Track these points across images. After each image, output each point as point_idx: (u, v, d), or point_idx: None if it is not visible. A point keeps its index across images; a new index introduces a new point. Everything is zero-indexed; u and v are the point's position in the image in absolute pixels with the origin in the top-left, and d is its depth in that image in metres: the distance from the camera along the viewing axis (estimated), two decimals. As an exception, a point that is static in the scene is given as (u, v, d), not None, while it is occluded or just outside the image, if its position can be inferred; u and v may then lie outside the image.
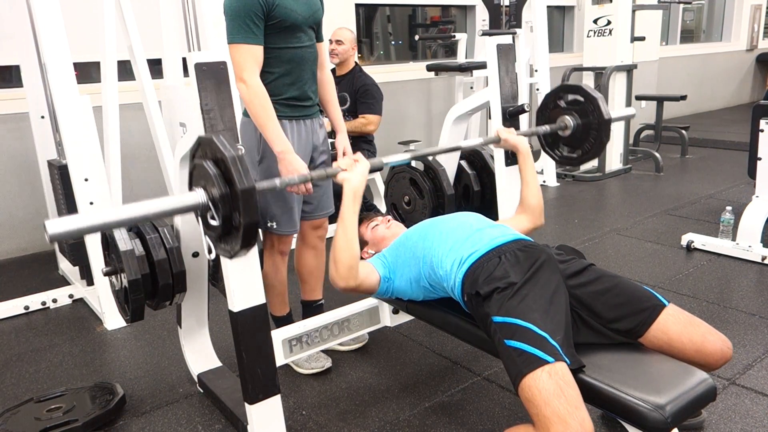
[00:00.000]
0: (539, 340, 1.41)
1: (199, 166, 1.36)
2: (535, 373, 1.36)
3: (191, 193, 1.37)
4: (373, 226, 2.16)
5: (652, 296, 1.60)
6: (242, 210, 1.28)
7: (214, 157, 1.33)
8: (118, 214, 1.27)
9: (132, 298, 1.74)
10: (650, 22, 6.62)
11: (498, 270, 1.60)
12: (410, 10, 6.14)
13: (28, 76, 3.15)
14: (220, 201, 1.31)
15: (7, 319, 2.92)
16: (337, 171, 1.68)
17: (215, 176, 1.31)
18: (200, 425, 2.02)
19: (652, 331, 1.54)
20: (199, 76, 1.56)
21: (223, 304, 1.80)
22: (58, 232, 1.18)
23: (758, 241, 3.19)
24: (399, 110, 5.47)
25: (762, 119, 3.20)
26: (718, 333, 1.55)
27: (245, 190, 1.27)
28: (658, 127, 5.77)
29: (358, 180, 1.67)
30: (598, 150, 2.16)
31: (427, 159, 2.73)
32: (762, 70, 9.92)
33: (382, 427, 1.96)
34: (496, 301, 1.54)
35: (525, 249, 1.68)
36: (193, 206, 1.36)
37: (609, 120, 2.09)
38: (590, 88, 2.15)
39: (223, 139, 1.32)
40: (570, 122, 2.17)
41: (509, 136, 2.09)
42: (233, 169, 1.27)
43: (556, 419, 1.28)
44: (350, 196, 1.66)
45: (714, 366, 1.51)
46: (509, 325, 1.47)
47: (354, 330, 2.15)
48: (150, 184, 4.20)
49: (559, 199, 4.66)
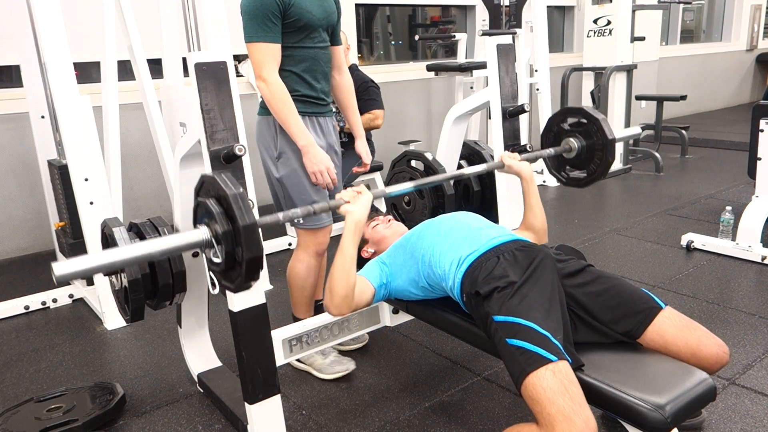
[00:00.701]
0: (542, 339, 1.41)
1: (203, 203, 1.39)
2: (538, 371, 1.36)
3: (195, 231, 1.39)
4: (374, 226, 2.17)
5: (650, 299, 1.60)
6: (244, 245, 1.31)
7: (217, 195, 1.36)
8: (124, 253, 1.30)
9: (132, 297, 1.74)
10: (650, 22, 6.62)
11: (497, 269, 1.61)
12: (410, 10, 6.14)
13: (28, 76, 3.15)
14: (222, 237, 1.34)
15: (7, 319, 2.92)
16: (340, 203, 1.67)
17: (218, 214, 1.34)
18: (200, 425, 2.02)
19: (648, 334, 1.55)
20: (199, 76, 1.56)
21: (223, 304, 1.80)
22: (64, 273, 1.19)
23: (758, 241, 3.19)
24: (399, 110, 5.47)
25: (762, 119, 3.20)
26: (714, 337, 1.55)
27: (246, 226, 1.30)
28: (658, 127, 5.77)
29: (361, 213, 1.66)
30: (605, 170, 2.16)
31: (428, 159, 2.74)
32: (762, 70, 9.91)
33: (382, 427, 1.96)
34: (496, 300, 1.54)
35: (523, 249, 1.69)
36: (197, 243, 1.39)
37: (613, 140, 2.09)
38: (592, 109, 2.15)
39: (224, 177, 1.35)
40: (574, 144, 2.17)
41: (513, 162, 2.07)
42: (235, 207, 1.30)
43: (561, 417, 1.29)
44: (351, 228, 1.66)
45: (710, 369, 1.50)
46: (511, 324, 1.47)
47: (354, 330, 2.15)
48: (150, 184, 4.20)
49: (559, 199, 4.66)
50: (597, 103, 5.09)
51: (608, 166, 2.15)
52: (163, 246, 1.34)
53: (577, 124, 2.19)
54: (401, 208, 2.90)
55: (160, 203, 4.27)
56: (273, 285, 3.13)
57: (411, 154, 2.82)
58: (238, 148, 1.55)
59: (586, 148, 2.16)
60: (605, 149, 2.11)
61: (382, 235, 2.11)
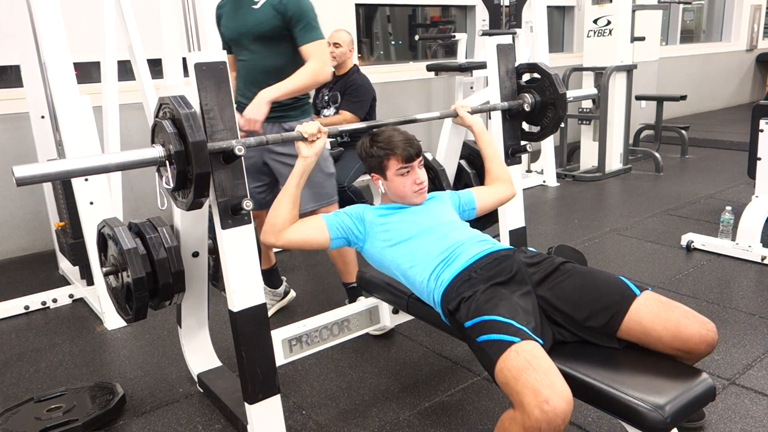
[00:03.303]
0: (504, 327, 1.42)
1: (159, 124, 1.52)
2: (503, 355, 1.37)
3: (150, 149, 1.53)
4: (405, 172, 1.83)
5: (624, 287, 1.54)
6: (194, 162, 1.44)
7: (172, 116, 1.49)
8: (83, 163, 1.46)
9: (136, 296, 1.74)
10: (650, 22, 6.62)
11: (468, 289, 1.61)
12: (410, 10, 6.14)
13: (28, 76, 3.15)
14: (175, 156, 1.47)
15: (7, 319, 2.92)
16: (298, 137, 1.74)
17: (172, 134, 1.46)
18: (200, 425, 2.02)
19: (626, 325, 1.49)
20: (199, 76, 1.56)
21: (223, 304, 1.80)
22: (24, 176, 1.34)
23: (758, 241, 3.19)
24: (399, 110, 5.47)
25: (762, 119, 3.20)
26: (696, 315, 1.47)
27: (196, 143, 1.44)
28: (658, 127, 5.77)
29: (311, 160, 1.75)
30: (556, 125, 2.33)
31: (427, 159, 2.73)
32: (762, 70, 9.92)
33: (382, 427, 1.96)
34: (464, 309, 1.56)
35: (496, 262, 1.67)
36: (151, 160, 1.52)
37: (564, 95, 2.25)
38: (545, 65, 2.30)
39: (179, 98, 1.49)
40: (529, 99, 2.30)
41: (465, 114, 2.15)
42: (186, 125, 1.44)
43: (527, 391, 1.27)
44: (299, 170, 1.76)
45: (698, 352, 1.44)
46: (478, 324, 1.49)
47: (354, 330, 2.16)
48: (150, 184, 4.18)
49: (559, 199, 4.66)
50: (597, 103, 5.10)
51: (559, 121, 2.31)
52: (120, 159, 1.50)
53: (532, 81, 2.35)
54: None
55: (160, 203, 4.26)
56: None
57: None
58: (237, 148, 1.55)
59: (540, 103, 2.31)
60: (556, 104, 2.26)
61: (403, 194, 1.86)
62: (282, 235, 1.76)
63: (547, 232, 3.83)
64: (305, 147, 1.75)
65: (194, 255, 1.96)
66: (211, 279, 2.14)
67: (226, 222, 1.63)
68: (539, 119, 2.35)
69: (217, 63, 1.57)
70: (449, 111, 2.20)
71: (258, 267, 1.71)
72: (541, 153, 5.16)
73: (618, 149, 5.33)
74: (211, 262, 2.08)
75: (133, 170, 4.32)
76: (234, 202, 1.61)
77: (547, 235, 3.74)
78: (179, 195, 1.59)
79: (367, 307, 2.17)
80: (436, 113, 2.19)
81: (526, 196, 4.07)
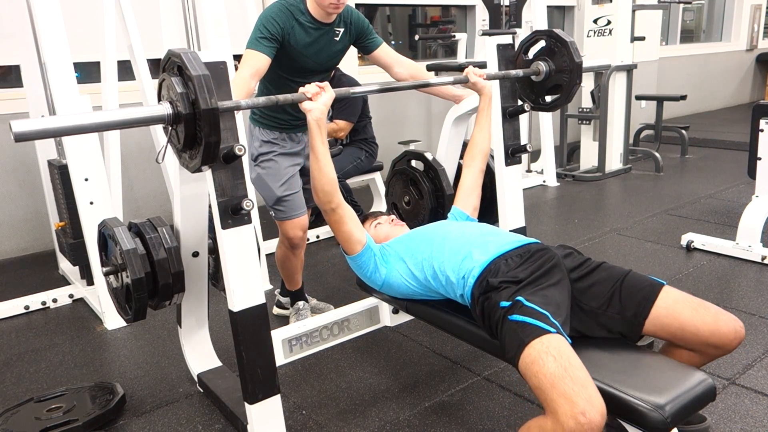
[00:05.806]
0: (541, 316, 1.45)
1: (167, 81, 1.43)
2: (535, 340, 1.38)
3: (158, 106, 1.45)
4: (377, 224, 2.19)
5: (648, 278, 1.64)
6: (207, 129, 1.37)
7: (183, 74, 1.40)
8: (85, 119, 1.37)
9: (136, 296, 1.74)
10: (650, 22, 6.62)
11: (508, 271, 1.64)
12: (410, 10, 6.14)
13: (28, 76, 3.15)
14: (184, 118, 1.40)
15: (7, 319, 2.92)
16: (302, 98, 1.73)
17: (182, 94, 1.38)
18: (200, 425, 2.02)
19: (659, 318, 1.54)
20: (199, 75, 1.56)
21: (223, 304, 1.80)
22: (22, 131, 1.27)
23: (758, 241, 3.19)
24: (399, 110, 5.47)
25: (762, 119, 3.20)
26: (727, 313, 1.55)
27: (208, 110, 1.36)
28: (658, 127, 5.77)
29: (320, 110, 1.73)
30: (570, 95, 2.19)
31: (427, 159, 2.73)
32: (762, 70, 9.91)
33: (382, 427, 1.96)
34: (505, 291, 1.58)
35: (532, 253, 1.71)
36: (158, 118, 1.44)
37: (580, 63, 2.12)
38: (562, 32, 2.18)
39: (191, 57, 1.39)
40: (543, 67, 2.19)
41: (478, 80, 2.13)
42: (198, 89, 1.36)
43: (564, 400, 1.27)
44: (314, 126, 1.74)
45: (730, 346, 1.50)
46: (516, 303, 1.51)
47: (354, 330, 2.15)
48: (150, 184, 4.20)
49: (559, 199, 4.66)
50: (597, 103, 5.10)
51: (573, 92, 2.18)
52: (125, 116, 1.42)
53: (544, 50, 2.21)
54: (401, 208, 2.90)
55: (160, 203, 4.27)
56: (273, 285, 3.13)
57: (411, 154, 2.82)
58: (237, 148, 1.55)
59: (554, 72, 2.18)
60: (572, 73, 2.13)
61: (386, 234, 2.13)
62: (336, 197, 1.82)
63: (547, 232, 3.83)
64: (310, 102, 1.73)
65: (194, 255, 1.96)
66: (211, 279, 2.14)
67: (226, 222, 1.62)
68: (553, 89, 2.24)
69: (218, 63, 1.57)
70: (461, 76, 2.15)
71: (257, 267, 1.71)
72: (541, 153, 5.16)
73: (618, 149, 5.33)
74: (211, 262, 2.08)
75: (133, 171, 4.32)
76: (234, 202, 1.61)
77: (547, 235, 3.73)
78: (186, 155, 1.52)
79: (367, 307, 2.17)
80: (450, 78, 2.18)
81: (526, 195, 4.07)
